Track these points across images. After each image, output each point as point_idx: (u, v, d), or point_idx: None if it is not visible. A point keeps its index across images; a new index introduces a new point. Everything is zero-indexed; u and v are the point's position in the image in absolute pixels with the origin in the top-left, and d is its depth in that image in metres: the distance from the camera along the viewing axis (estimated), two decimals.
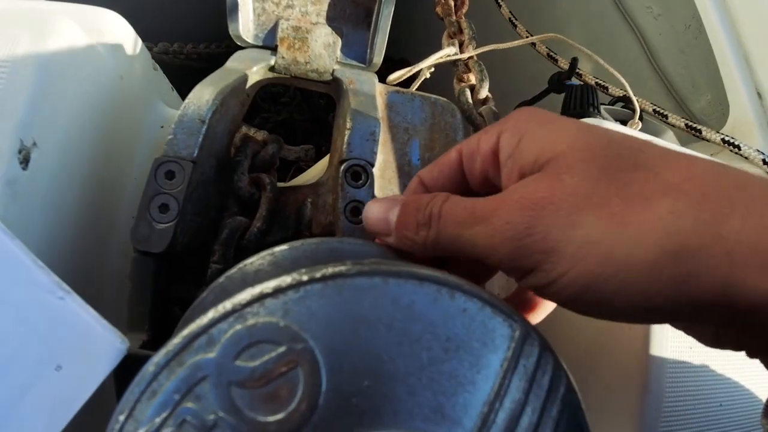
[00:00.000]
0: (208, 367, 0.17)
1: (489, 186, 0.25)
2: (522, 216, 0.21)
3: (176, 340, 0.17)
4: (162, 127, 0.38)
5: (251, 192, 0.32)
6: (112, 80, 0.34)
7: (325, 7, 0.36)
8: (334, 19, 0.36)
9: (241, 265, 0.24)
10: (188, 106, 0.30)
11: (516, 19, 0.53)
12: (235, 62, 0.34)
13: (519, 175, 0.22)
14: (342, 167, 0.31)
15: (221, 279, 0.24)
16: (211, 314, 0.17)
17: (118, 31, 0.34)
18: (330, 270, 0.18)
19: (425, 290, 0.19)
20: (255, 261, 0.24)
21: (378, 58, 0.36)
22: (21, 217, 0.27)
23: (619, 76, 0.47)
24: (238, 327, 0.17)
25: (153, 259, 0.28)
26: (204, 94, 0.30)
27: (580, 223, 0.20)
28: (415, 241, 0.24)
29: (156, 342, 0.28)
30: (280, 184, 0.35)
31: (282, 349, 0.17)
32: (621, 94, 0.51)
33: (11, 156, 0.26)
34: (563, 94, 0.50)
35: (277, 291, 0.18)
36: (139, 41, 0.37)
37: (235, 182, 0.32)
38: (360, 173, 0.32)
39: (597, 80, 0.52)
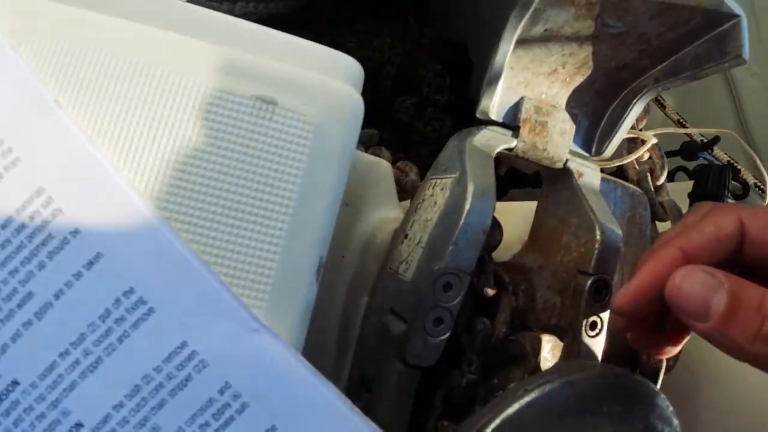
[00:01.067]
0: None
1: None
2: None
3: None
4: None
5: (494, 293, 0.31)
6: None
7: (565, 92, 0.34)
8: (571, 105, 0.34)
9: None
10: (472, 213, 0.28)
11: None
12: (483, 142, 0.32)
13: None
14: (589, 282, 0.31)
15: None
16: None
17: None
18: None
19: None
20: None
21: (610, 152, 0.35)
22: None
23: (761, 165, 0.48)
24: None
25: (420, 372, 0.27)
26: (485, 199, 0.28)
27: None
28: (740, 349, 0.21)
29: None
30: None
31: None
32: (752, 181, 0.52)
33: (312, 277, 0.23)
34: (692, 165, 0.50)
35: None
36: None
37: (481, 283, 0.30)
38: (601, 288, 0.31)
39: (729, 159, 0.52)
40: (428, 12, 0.85)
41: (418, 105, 0.77)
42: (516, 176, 0.61)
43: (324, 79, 0.24)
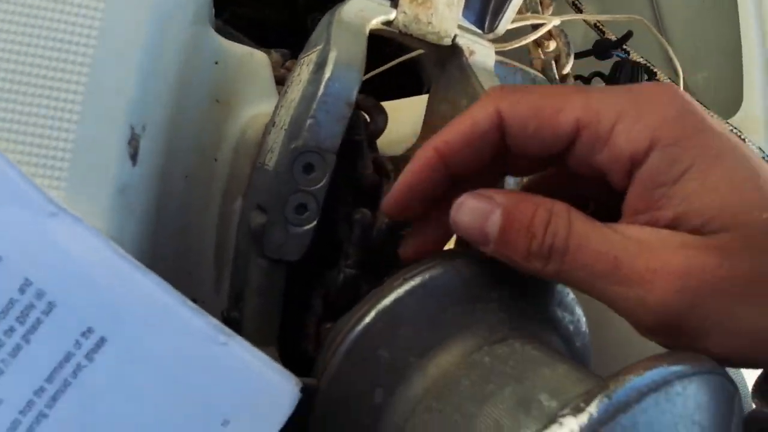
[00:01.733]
0: None
1: (597, 179, 0.21)
2: (681, 299, 0.18)
3: None
4: (216, 63, 0.32)
5: (376, 180, 0.28)
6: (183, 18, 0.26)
7: None
8: None
9: None
10: (332, 83, 0.24)
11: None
12: (351, 14, 0.28)
13: (672, 221, 0.19)
14: None
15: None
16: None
17: None
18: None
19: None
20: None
21: (503, 28, 0.32)
22: (134, 231, 0.21)
23: (678, 64, 0.46)
24: None
25: (285, 267, 0.24)
26: (349, 69, 0.25)
27: (737, 314, 0.18)
28: (523, 266, 0.21)
29: (287, 358, 0.24)
30: None
31: None
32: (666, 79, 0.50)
33: (121, 151, 0.19)
34: (604, 61, 0.48)
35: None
36: None
37: (358, 170, 0.27)
38: None
39: (646, 61, 0.50)
40: None
41: None
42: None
43: None
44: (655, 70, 0.51)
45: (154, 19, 0.19)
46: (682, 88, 0.50)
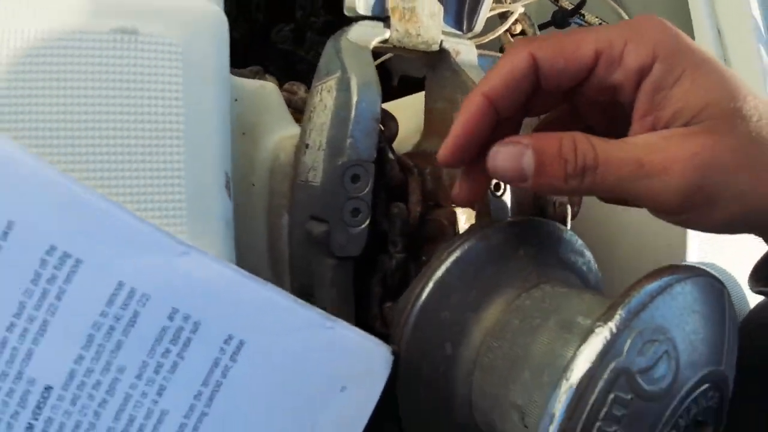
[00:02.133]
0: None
1: (607, 101, 0.26)
2: (694, 175, 0.22)
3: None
4: (236, 100, 0.36)
5: (402, 178, 0.33)
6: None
7: None
8: None
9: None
10: (360, 104, 0.29)
11: None
12: (355, 39, 0.33)
13: (668, 119, 0.24)
14: None
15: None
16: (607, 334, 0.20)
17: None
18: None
19: None
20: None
21: (479, 26, 0.37)
22: (233, 253, 0.25)
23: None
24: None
25: (352, 263, 0.29)
26: (369, 89, 0.30)
27: (733, 181, 0.23)
28: (561, 189, 0.24)
29: None
30: None
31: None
32: None
33: (223, 194, 0.24)
34: (564, 29, 0.54)
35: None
36: None
37: (387, 172, 0.32)
38: None
39: (601, 21, 0.55)
40: None
41: (296, 31, 0.77)
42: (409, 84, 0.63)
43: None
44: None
45: (216, 89, 0.24)
46: None
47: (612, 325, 0.21)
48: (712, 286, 0.24)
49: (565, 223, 0.49)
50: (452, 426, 0.29)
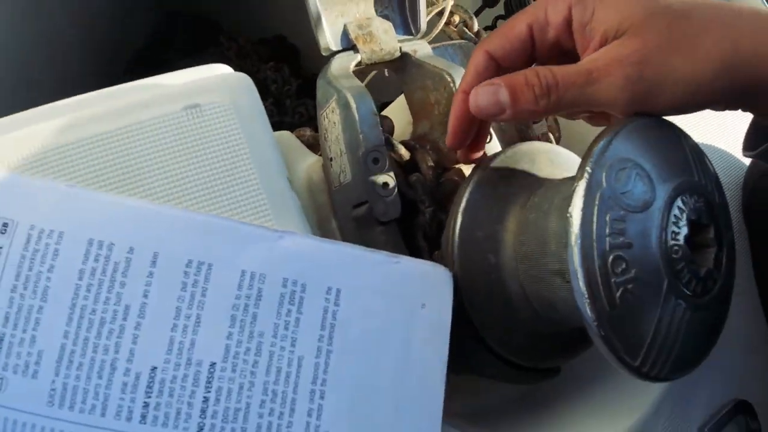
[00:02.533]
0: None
1: (560, 55, 0.32)
2: (633, 69, 0.27)
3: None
4: None
5: (409, 155, 0.41)
6: None
7: (370, 4, 0.45)
8: (379, 10, 0.45)
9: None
10: (360, 107, 0.38)
11: None
12: (337, 69, 0.42)
13: (600, 42, 0.29)
14: None
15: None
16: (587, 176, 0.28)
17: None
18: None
19: None
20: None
21: (424, 26, 0.46)
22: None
23: None
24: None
25: (395, 225, 0.37)
26: (362, 95, 0.38)
27: (674, 65, 0.28)
28: (535, 110, 0.30)
29: None
30: None
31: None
32: None
33: (288, 191, 0.33)
34: (497, 8, 0.63)
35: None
36: None
37: (396, 152, 0.40)
38: None
39: None
40: (238, 24, 0.95)
41: (276, 104, 0.87)
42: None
43: (216, 76, 0.33)
44: None
45: (261, 124, 0.33)
46: None
47: (587, 168, 0.28)
48: (658, 121, 0.31)
49: None
50: (518, 320, 0.36)
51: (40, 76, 0.82)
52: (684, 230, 0.30)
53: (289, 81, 0.85)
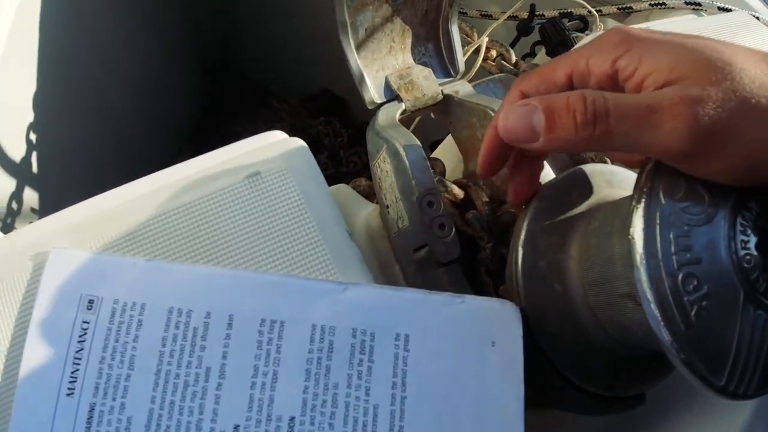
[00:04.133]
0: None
1: None
2: (704, 118, 0.23)
3: None
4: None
5: (463, 193, 0.42)
6: None
7: (408, 53, 0.46)
8: (417, 58, 0.47)
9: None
10: (410, 155, 0.39)
11: None
12: (384, 119, 0.43)
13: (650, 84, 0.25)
14: None
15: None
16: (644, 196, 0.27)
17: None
18: None
19: None
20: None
21: (462, 66, 0.47)
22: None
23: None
24: None
25: (457, 265, 0.37)
26: (411, 142, 0.39)
27: (745, 126, 0.24)
28: (573, 142, 0.26)
29: None
30: None
31: None
32: (583, 12, 0.64)
33: (348, 242, 0.34)
34: (533, 35, 0.63)
35: None
36: None
37: (450, 194, 0.41)
38: None
39: (559, 11, 0.65)
40: (284, 84, 1.00)
41: (330, 156, 0.90)
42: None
43: (272, 143, 0.35)
44: (570, 10, 0.66)
45: (317, 183, 0.35)
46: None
47: (644, 188, 0.28)
48: None
49: None
50: (594, 348, 0.35)
51: (106, 159, 0.88)
52: (753, 238, 0.28)
53: (340, 133, 0.89)
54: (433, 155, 0.48)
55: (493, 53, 0.54)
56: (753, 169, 0.25)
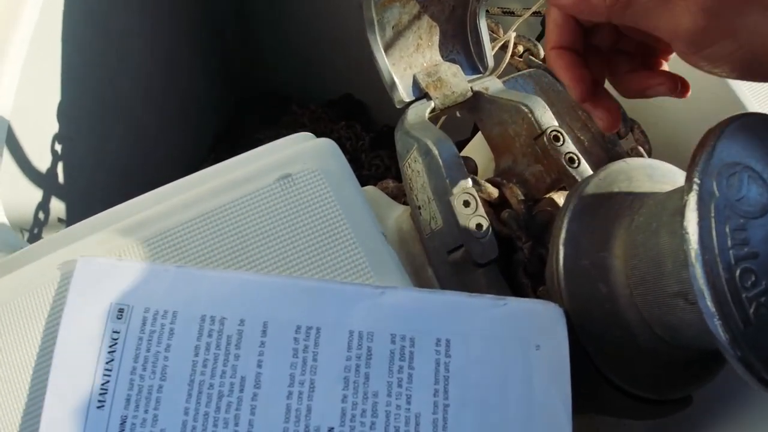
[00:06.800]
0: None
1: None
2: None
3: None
4: None
5: (497, 192, 0.40)
6: None
7: (435, 51, 0.45)
8: (444, 55, 0.45)
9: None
10: (442, 153, 0.37)
11: None
12: (413, 118, 0.42)
13: None
14: (545, 138, 0.40)
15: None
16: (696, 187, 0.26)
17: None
18: None
19: None
20: None
21: (491, 62, 0.46)
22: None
23: None
24: None
25: (495, 266, 0.36)
26: (442, 140, 0.38)
27: (750, 12, 0.25)
28: (600, 8, 0.29)
29: None
30: None
31: None
32: None
33: (384, 245, 0.33)
34: None
35: None
36: None
37: (485, 193, 0.40)
38: (558, 136, 0.41)
39: None
40: (305, 92, 0.99)
41: (352, 159, 0.89)
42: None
43: (302, 144, 0.34)
44: None
45: (350, 183, 0.34)
46: None
47: (695, 178, 0.26)
48: (761, 116, 0.29)
49: None
50: (640, 350, 0.33)
51: (130, 169, 0.88)
52: None
53: (361, 136, 0.88)
54: (462, 154, 0.47)
55: (521, 49, 0.53)
56: (755, 60, 0.27)
